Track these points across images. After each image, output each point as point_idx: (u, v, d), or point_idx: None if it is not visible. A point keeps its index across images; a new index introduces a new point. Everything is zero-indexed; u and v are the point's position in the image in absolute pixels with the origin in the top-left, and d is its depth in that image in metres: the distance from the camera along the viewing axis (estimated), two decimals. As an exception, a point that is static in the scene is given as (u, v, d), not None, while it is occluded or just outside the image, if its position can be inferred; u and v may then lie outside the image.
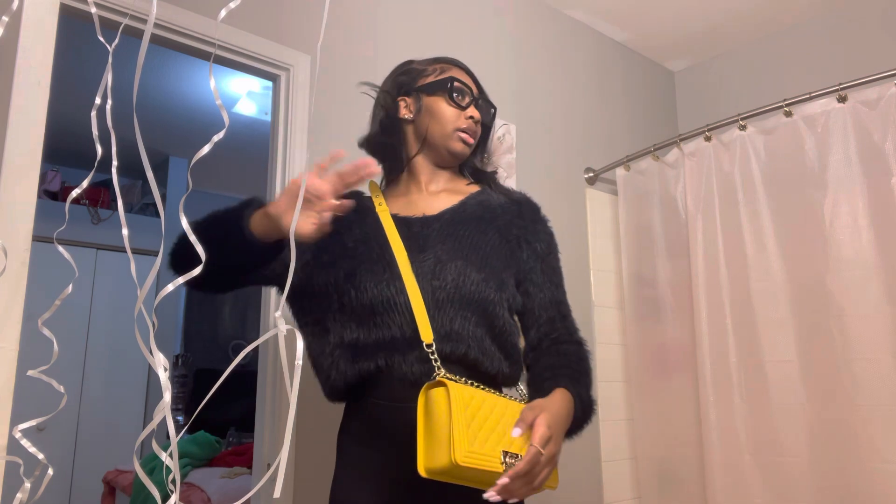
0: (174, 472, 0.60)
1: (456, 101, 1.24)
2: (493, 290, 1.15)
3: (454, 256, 1.15)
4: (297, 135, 1.88)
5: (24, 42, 0.69)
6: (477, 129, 1.27)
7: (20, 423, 0.68)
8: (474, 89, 1.28)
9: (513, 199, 1.28)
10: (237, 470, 3.10)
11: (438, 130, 1.24)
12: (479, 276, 1.14)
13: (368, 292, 1.13)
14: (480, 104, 1.28)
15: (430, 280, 1.13)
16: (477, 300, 1.13)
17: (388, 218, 1.21)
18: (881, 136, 1.96)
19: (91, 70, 3.27)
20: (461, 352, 1.11)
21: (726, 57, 3.10)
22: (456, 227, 1.20)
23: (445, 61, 1.31)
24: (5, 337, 0.64)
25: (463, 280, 1.13)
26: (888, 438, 1.85)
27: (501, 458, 0.97)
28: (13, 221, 0.66)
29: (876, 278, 1.92)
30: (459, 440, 0.95)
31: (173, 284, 0.66)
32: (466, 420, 0.97)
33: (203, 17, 1.73)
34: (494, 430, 1.00)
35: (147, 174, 0.66)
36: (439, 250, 1.16)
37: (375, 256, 1.16)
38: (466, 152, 1.26)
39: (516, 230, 1.24)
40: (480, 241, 1.19)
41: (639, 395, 2.56)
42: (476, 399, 1.01)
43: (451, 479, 0.98)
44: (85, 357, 4.18)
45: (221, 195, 5.07)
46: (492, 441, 0.98)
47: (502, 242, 1.21)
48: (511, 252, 1.22)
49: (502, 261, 1.20)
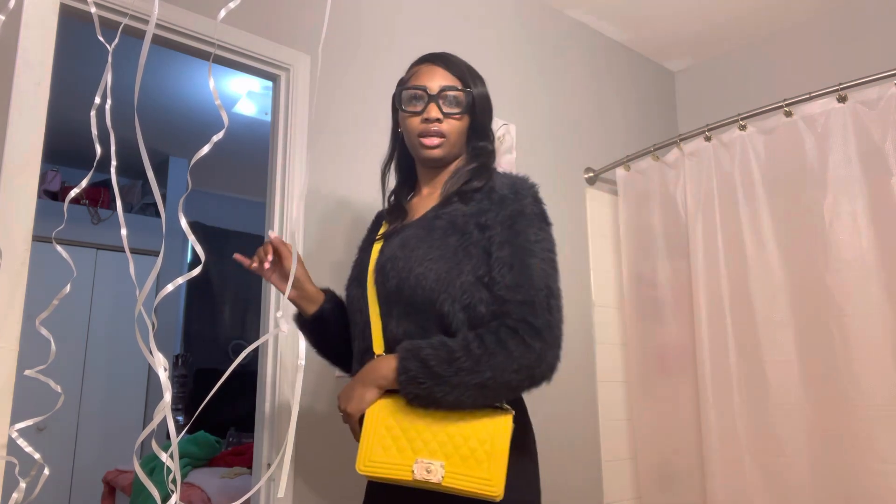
0: (174, 472, 0.60)
1: (409, 110, 1.25)
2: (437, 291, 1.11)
3: (398, 262, 1.17)
4: (297, 135, 1.88)
5: (24, 42, 0.69)
6: (441, 127, 1.23)
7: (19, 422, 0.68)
8: (433, 86, 1.24)
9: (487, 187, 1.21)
10: (237, 470, 3.10)
11: (408, 141, 1.29)
12: (417, 275, 1.12)
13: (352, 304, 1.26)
14: (446, 96, 1.24)
15: (382, 283, 1.18)
16: (419, 298, 1.12)
17: (383, 229, 1.31)
18: (881, 136, 1.96)
19: (91, 70, 3.27)
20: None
21: (726, 57, 3.10)
22: (411, 234, 1.20)
23: (421, 60, 1.31)
24: (5, 336, 0.64)
25: (403, 284, 1.14)
26: (888, 438, 1.85)
27: (413, 466, 1.03)
28: (13, 221, 0.66)
29: (876, 278, 1.92)
30: (362, 450, 1.06)
31: (173, 284, 0.66)
32: (378, 432, 1.06)
33: (203, 17, 1.73)
34: (417, 440, 1.05)
35: (148, 174, 0.66)
36: (389, 259, 1.19)
37: (360, 266, 1.29)
38: (434, 154, 1.25)
39: (480, 221, 1.16)
40: (423, 246, 1.16)
41: (639, 395, 2.56)
42: (400, 407, 1.08)
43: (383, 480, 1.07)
44: (85, 357, 4.18)
45: (221, 195, 5.07)
46: (411, 450, 1.05)
47: (455, 241, 1.16)
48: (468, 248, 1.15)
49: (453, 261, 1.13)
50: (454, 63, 1.28)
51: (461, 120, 1.26)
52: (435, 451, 1.04)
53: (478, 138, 1.30)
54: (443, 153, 1.25)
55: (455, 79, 1.26)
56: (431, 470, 1.02)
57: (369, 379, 1.12)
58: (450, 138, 1.24)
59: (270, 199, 1.87)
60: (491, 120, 1.33)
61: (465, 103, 1.25)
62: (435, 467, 1.03)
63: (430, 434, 1.05)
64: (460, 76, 1.27)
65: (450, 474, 1.02)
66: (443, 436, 1.05)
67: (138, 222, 4.38)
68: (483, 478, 1.01)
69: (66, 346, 4.06)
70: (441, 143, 1.24)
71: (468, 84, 1.26)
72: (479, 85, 1.29)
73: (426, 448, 1.04)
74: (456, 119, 1.25)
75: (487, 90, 1.31)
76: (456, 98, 1.24)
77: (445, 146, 1.24)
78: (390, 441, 1.06)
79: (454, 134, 1.25)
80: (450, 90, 1.24)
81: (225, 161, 4.42)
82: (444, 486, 1.02)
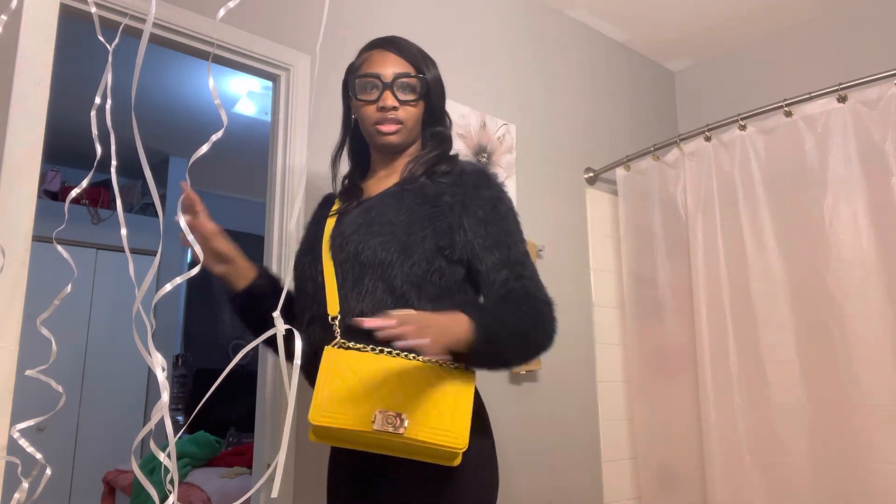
0: (172, 472, 0.60)
1: (363, 98, 1.24)
2: (394, 253, 1.14)
3: (358, 229, 1.19)
4: (297, 135, 1.88)
5: (24, 42, 0.69)
6: (397, 114, 1.23)
7: (20, 422, 0.68)
8: (387, 73, 1.23)
9: (458, 168, 1.26)
10: (237, 470, 3.10)
11: (364, 129, 1.28)
12: (376, 241, 1.15)
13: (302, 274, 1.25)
14: (401, 83, 1.23)
15: (338, 254, 1.19)
16: (374, 265, 1.14)
17: (336, 206, 1.31)
18: (881, 136, 1.96)
19: (91, 70, 3.27)
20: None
21: (726, 57, 3.10)
22: (380, 204, 1.23)
23: (372, 45, 1.29)
24: (5, 337, 0.64)
25: (361, 248, 1.16)
26: (888, 438, 1.85)
27: (373, 417, 1.00)
28: (13, 221, 0.66)
29: (876, 278, 1.92)
30: (315, 403, 1.02)
31: (172, 284, 0.66)
32: (330, 383, 1.03)
33: (202, 17, 1.73)
34: (375, 392, 1.03)
35: (146, 174, 0.66)
36: (347, 226, 1.21)
37: (311, 239, 1.28)
38: (392, 140, 1.25)
39: (450, 198, 1.20)
40: (389, 212, 1.19)
41: (639, 395, 2.56)
42: (359, 362, 1.05)
43: (335, 441, 1.06)
44: (85, 357, 4.18)
45: (221, 195, 5.07)
46: (370, 402, 1.01)
47: (422, 207, 1.19)
48: (433, 219, 1.18)
49: (412, 225, 1.17)
50: (406, 48, 1.27)
51: (416, 106, 1.26)
52: (396, 403, 1.02)
53: (433, 123, 1.31)
54: (400, 139, 1.26)
55: (408, 65, 1.25)
56: (391, 421, 1.00)
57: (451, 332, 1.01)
58: (406, 124, 1.25)
59: (270, 199, 1.87)
60: (444, 103, 1.34)
61: (419, 89, 1.25)
62: (396, 419, 1.00)
63: (390, 387, 1.03)
64: (413, 61, 1.26)
65: (412, 425, 1.00)
66: (405, 389, 1.03)
67: (138, 222, 4.38)
68: (445, 429, 1.01)
69: (66, 346, 4.06)
70: (398, 130, 1.24)
71: (421, 69, 1.26)
72: (432, 69, 1.29)
73: (385, 401, 1.02)
74: (412, 106, 1.25)
75: (439, 73, 1.31)
76: (410, 84, 1.24)
77: (403, 132, 1.25)
78: (346, 393, 1.02)
79: (411, 120, 1.25)
80: (404, 76, 1.23)
81: (225, 161, 4.42)
82: (405, 437, 0.99)
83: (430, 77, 1.27)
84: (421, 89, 1.25)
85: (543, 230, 2.49)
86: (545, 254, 2.46)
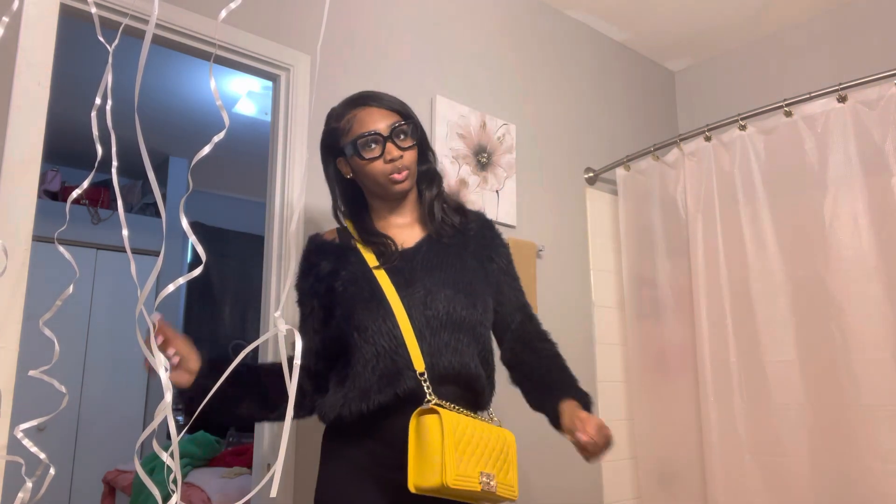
0: (175, 471, 0.60)
1: (368, 157, 1.28)
2: (480, 312, 1.29)
3: (442, 286, 1.26)
4: (297, 135, 1.88)
5: (24, 42, 0.69)
6: (404, 160, 1.29)
7: (21, 422, 0.68)
8: (381, 127, 1.28)
9: (473, 220, 1.40)
10: (237, 470, 3.10)
11: (373, 184, 1.33)
12: (466, 301, 1.27)
13: (369, 330, 1.22)
14: (397, 132, 1.29)
15: (422, 311, 1.23)
16: (468, 324, 1.25)
17: (372, 256, 1.30)
18: (881, 136, 1.96)
19: (91, 70, 3.26)
20: (455, 372, 1.22)
21: (726, 57, 3.10)
22: (436, 257, 1.30)
23: (351, 105, 1.34)
24: (6, 337, 0.64)
25: (454, 307, 1.24)
26: (888, 438, 1.85)
27: (479, 478, 1.11)
28: (13, 221, 0.66)
29: (876, 278, 1.92)
30: (450, 464, 1.07)
31: (174, 285, 0.66)
32: (454, 445, 1.09)
33: (203, 17, 1.73)
34: (475, 453, 1.13)
35: (148, 174, 0.66)
36: (427, 282, 1.26)
37: (367, 295, 1.25)
38: (405, 188, 1.33)
39: (484, 251, 1.37)
40: (461, 267, 1.31)
41: (639, 395, 2.56)
42: (461, 424, 1.13)
43: (436, 494, 1.11)
44: (85, 357, 4.18)
45: (221, 195, 5.07)
46: (472, 463, 1.11)
47: (478, 265, 1.34)
48: (486, 273, 1.35)
49: (482, 283, 1.33)
50: (386, 100, 1.34)
51: (414, 149, 1.33)
52: (486, 463, 1.14)
53: (422, 161, 1.39)
54: (411, 184, 1.34)
55: (394, 114, 1.32)
56: (491, 483, 1.13)
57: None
58: (412, 169, 1.33)
59: (270, 199, 1.87)
60: (427, 140, 1.42)
61: (411, 133, 1.33)
62: (493, 480, 1.13)
63: (482, 448, 1.15)
64: (396, 110, 1.33)
65: (499, 485, 1.15)
66: (487, 449, 1.15)
67: (138, 222, 4.38)
68: (510, 484, 1.18)
69: (67, 346, 4.02)
70: (408, 176, 1.32)
71: (407, 114, 1.33)
72: (412, 112, 1.36)
73: (482, 461, 1.13)
74: (411, 150, 1.32)
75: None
76: (404, 131, 1.31)
77: (411, 177, 1.33)
78: (459, 455, 1.12)
79: (412, 162, 1.33)
80: (397, 126, 1.30)
81: (225, 161, 4.41)
82: (497, 494, 1.14)
83: (416, 120, 1.36)
84: (413, 133, 1.33)
85: (543, 230, 2.49)
86: (545, 254, 2.46)
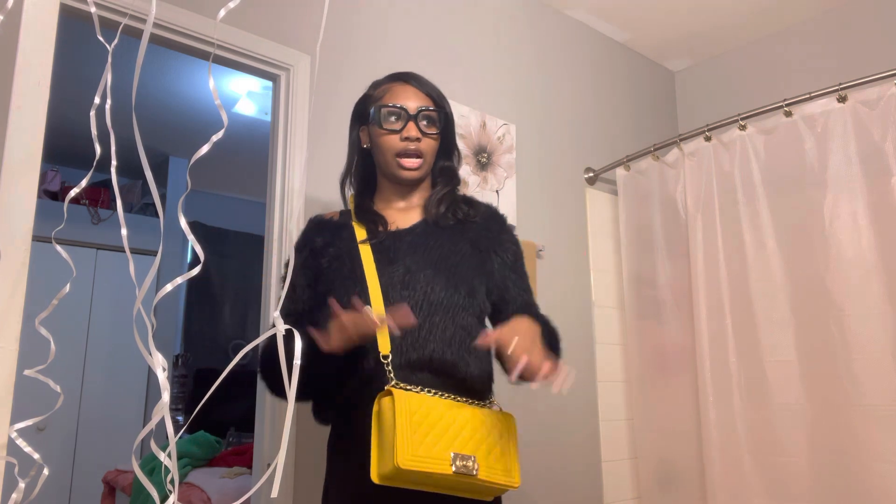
0: (172, 472, 0.60)
1: (387, 127, 1.26)
2: (462, 296, 1.23)
3: (424, 266, 1.22)
4: (297, 135, 1.88)
5: (24, 42, 0.69)
6: (420, 146, 1.26)
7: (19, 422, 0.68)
8: (411, 105, 1.26)
9: (480, 211, 1.35)
10: (237, 470, 3.10)
11: (382, 159, 1.30)
12: (447, 283, 1.22)
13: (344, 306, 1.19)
14: (424, 115, 1.27)
15: (399, 291, 1.19)
16: (445, 307, 1.20)
17: (362, 232, 1.28)
18: (881, 136, 1.95)
19: (91, 70, 3.26)
20: (426, 358, 1.16)
21: (726, 57, 3.09)
22: (427, 239, 1.26)
23: (391, 79, 1.32)
24: (5, 336, 0.64)
25: (431, 288, 1.20)
26: (888, 438, 1.85)
27: (451, 461, 1.04)
28: (13, 221, 0.66)
29: (876, 278, 1.92)
30: (401, 445, 1.01)
31: (172, 284, 0.66)
32: (412, 426, 1.03)
33: (202, 17, 1.73)
34: (445, 435, 1.06)
35: (146, 174, 0.66)
36: (409, 261, 1.23)
37: (346, 272, 1.23)
38: (412, 176, 1.29)
39: (486, 242, 1.32)
40: (451, 250, 1.26)
41: (639, 395, 2.56)
42: (425, 404, 1.07)
43: (405, 483, 1.05)
44: (85, 357, 4.18)
45: (221, 195, 5.07)
46: (442, 445, 1.05)
47: (473, 252, 1.29)
48: (482, 262, 1.30)
49: (470, 268, 1.27)
50: (425, 83, 1.32)
51: (436, 139, 1.30)
52: (465, 445, 1.07)
53: (444, 157, 1.35)
54: (421, 174, 1.30)
55: (428, 98, 1.29)
56: (468, 464, 1.05)
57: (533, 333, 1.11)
58: (426, 158, 1.29)
59: (270, 199, 1.87)
60: (455, 138, 1.38)
61: (439, 123, 1.29)
62: (470, 461, 1.05)
63: (456, 430, 1.08)
64: (432, 96, 1.30)
65: (482, 467, 1.07)
66: (466, 430, 1.09)
67: (138, 222, 4.37)
68: (506, 469, 1.11)
69: (66, 346, 4.05)
70: (420, 165, 1.28)
71: (441, 104, 1.31)
72: (446, 105, 1.33)
73: (455, 443, 1.07)
74: (432, 138, 1.29)
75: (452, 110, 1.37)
76: (432, 117, 1.28)
77: (423, 167, 1.29)
78: (422, 436, 1.05)
79: (430, 153, 1.29)
80: (426, 110, 1.27)
81: (225, 161, 4.41)
82: (479, 478, 1.06)
83: (448, 112, 1.32)
84: (440, 123, 1.29)
85: (543, 230, 2.49)
86: (545, 254, 2.46)
